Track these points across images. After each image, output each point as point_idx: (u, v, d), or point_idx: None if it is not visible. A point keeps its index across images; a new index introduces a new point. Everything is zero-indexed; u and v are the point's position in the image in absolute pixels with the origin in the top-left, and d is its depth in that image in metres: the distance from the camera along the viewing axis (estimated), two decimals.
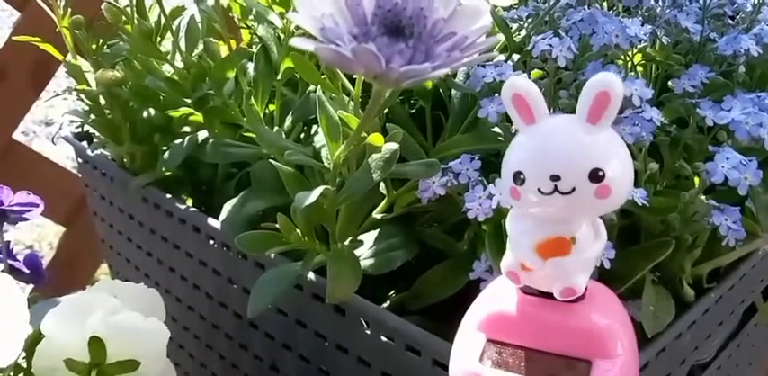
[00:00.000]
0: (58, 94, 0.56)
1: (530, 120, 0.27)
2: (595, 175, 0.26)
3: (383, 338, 0.41)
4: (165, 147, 0.54)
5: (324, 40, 0.26)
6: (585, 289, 0.29)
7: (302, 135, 0.49)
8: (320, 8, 0.26)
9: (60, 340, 0.38)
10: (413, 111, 0.50)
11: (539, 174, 0.26)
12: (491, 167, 0.38)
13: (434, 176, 0.40)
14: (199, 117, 0.52)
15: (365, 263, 0.43)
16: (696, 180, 0.40)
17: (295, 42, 0.25)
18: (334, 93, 0.41)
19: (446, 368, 0.31)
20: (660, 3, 0.46)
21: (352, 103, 0.40)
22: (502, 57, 0.45)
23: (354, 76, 0.40)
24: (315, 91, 0.39)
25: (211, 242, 0.50)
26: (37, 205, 0.47)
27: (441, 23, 0.27)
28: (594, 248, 0.28)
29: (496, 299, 0.31)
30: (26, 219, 0.47)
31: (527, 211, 0.28)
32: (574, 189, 0.26)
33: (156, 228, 0.55)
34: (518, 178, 0.27)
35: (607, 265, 0.36)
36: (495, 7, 0.47)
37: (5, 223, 0.47)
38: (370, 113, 0.33)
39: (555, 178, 0.26)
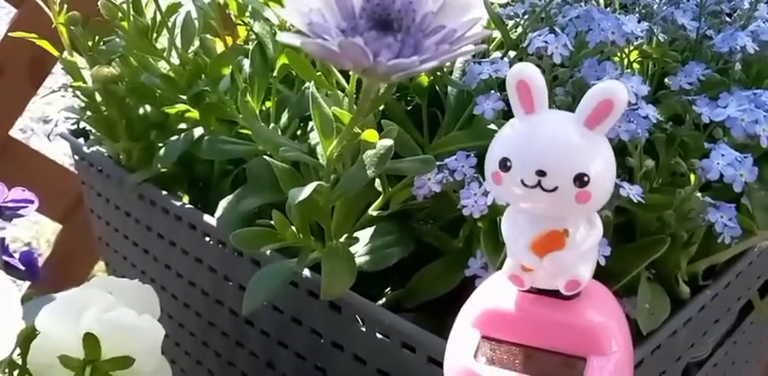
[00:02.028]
0: (54, 91, 0.56)
1: (529, 110, 0.27)
2: (580, 180, 0.26)
3: (378, 335, 0.41)
4: (161, 144, 0.54)
5: (311, 35, 0.26)
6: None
7: (298, 132, 0.49)
8: (308, 3, 0.26)
9: (55, 336, 0.38)
10: (409, 107, 0.50)
11: (525, 165, 0.26)
12: None
13: (430, 173, 0.40)
14: (195, 114, 0.52)
15: (360, 260, 0.43)
16: (692, 177, 0.40)
17: (282, 38, 0.25)
18: (328, 89, 0.41)
19: (441, 365, 0.31)
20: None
21: (346, 99, 0.40)
22: (498, 53, 0.45)
23: (350, 73, 0.40)
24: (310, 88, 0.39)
25: (207, 239, 0.50)
26: (32, 201, 0.47)
27: (430, 17, 0.27)
28: (590, 239, 0.28)
29: (491, 295, 0.31)
30: (21, 216, 0.47)
31: (509, 202, 0.28)
32: (556, 188, 0.26)
33: (152, 224, 0.55)
34: (504, 164, 0.27)
35: (602, 262, 0.36)
36: (492, 4, 0.47)
37: (1, 219, 0.46)
38: (362, 108, 0.33)
39: (540, 173, 0.26)
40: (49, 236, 1.16)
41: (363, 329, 0.41)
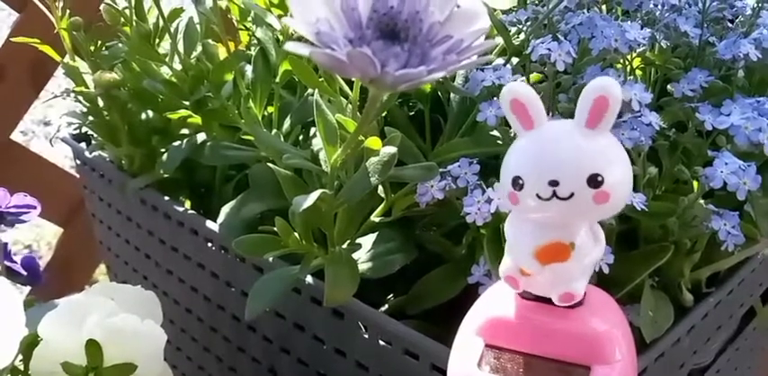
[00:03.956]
0: (56, 96, 0.56)
1: (529, 126, 0.27)
2: (594, 181, 0.26)
3: (381, 342, 0.41)
4: (163, 150, 0.54)
5: (319, 45, 0.26)
6: (584, 294, 0.29)
7: (300, 137, 0.49)
8: (315, 12, 0.26)
9: (57, 343, 0.38)
10: (411, 114, 0.50)
11: (537, 179, 0.26)
12: (490, 171, 0.38)
13: (433, 180, 0.40)
14: (197, 119, 0.52)
15: (363, 266, 0.43)
16: (695, 184, 0.40)
17: (290, 47, 0.25)
18: (332, 96, 0.41)
19: (444, 373, 0.31)
20: (659, 6, 0.46)
21: (350, 107, 0.40)
22: (501, 60, 0.45)
23: (353, 79, 0.40)
24: (313, 94, 0.39)
25: (209, 244, 0.49)
26: (34, 207, 0.47)
27: (437, 27, 0.27)
28: (594, 254, 0.28)
29: (495, 304, 0.31)
30: (23, 221, 0.47)
31: (526, 216, 0.28)
32: (572, 194, 0.26)
33: (153, 230, 0.55)
34: (516, 183, 0.27)
35: (606, 270, 0.36)
36: (494, 10, 0.47)
37: (2, 225, 0.46)
38: (367, 117, 0.33)
39: (553, 183, 0.26)
40: (49, 238, 1.16)
41: (366, 336, 0.41)
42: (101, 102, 0.54)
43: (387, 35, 0.27)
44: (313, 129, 0.48)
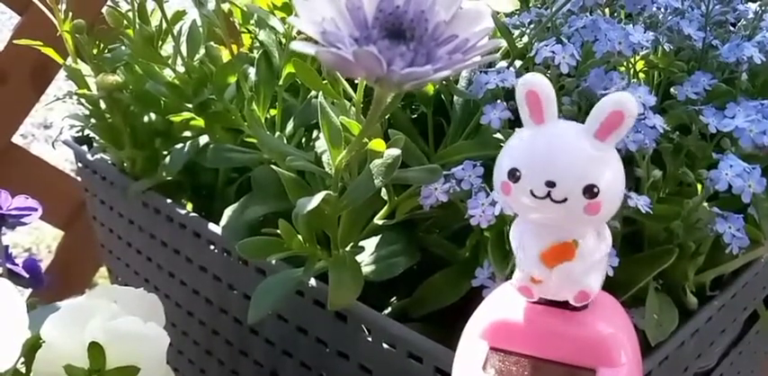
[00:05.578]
0: (58, 98, 0.56)
1: (539, 120, 0.27)
2: (590, 191, 0.26)
3: (385, 345, 0.40)
4: (165, 152, 0.54)
5: (325, 44, 0.26)
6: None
7: (303, 140, 0.49)
8: (321, 12, 0.26)
9: (60, 346, 0.38)
10: (414, 116, 0.49)
11: (535, 176, 0.26)
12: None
13: (437, 183, 0.40)
14: (200, 122, 0.52)
15: (366, 269, 0.42)
16: (699, 187, 0.40)
17: (296, 46, 0.25)
18: (335, 98, 0.41)
19: None
20: (662, 9, 0.46)
21: (353, 109, 0.40)
22: (504, 63, 0.45)
23: (356, 81, 0.40)
24: (316, 96, 0.39)
25: (212, 247, 0.49)
26: (35, 209, 0.47)
27: (442, 26, 0.27)
28: (600, 250, 0.28)
29: (499, 306, 0.31)
30: (24, 224, 0.47)
31: (519, 213, 0.28)
32: (566, 199, 0.26)
33: (155, 232, 0.55)
34: (513, 175, 0.26)
35: (610, 273, 0.36)
36: (498, 13, 0.47)
37: (4, 227, 0.46)
38: (372, 118, 0.33)
39: (550, 184, 0.26)
40: (49, 241, 1.16)
41: (369, 339, 0.41)
42: (103, 105, 0.54)
43: (392, 34, 0.27)
44: (316, 132, 0.48)
